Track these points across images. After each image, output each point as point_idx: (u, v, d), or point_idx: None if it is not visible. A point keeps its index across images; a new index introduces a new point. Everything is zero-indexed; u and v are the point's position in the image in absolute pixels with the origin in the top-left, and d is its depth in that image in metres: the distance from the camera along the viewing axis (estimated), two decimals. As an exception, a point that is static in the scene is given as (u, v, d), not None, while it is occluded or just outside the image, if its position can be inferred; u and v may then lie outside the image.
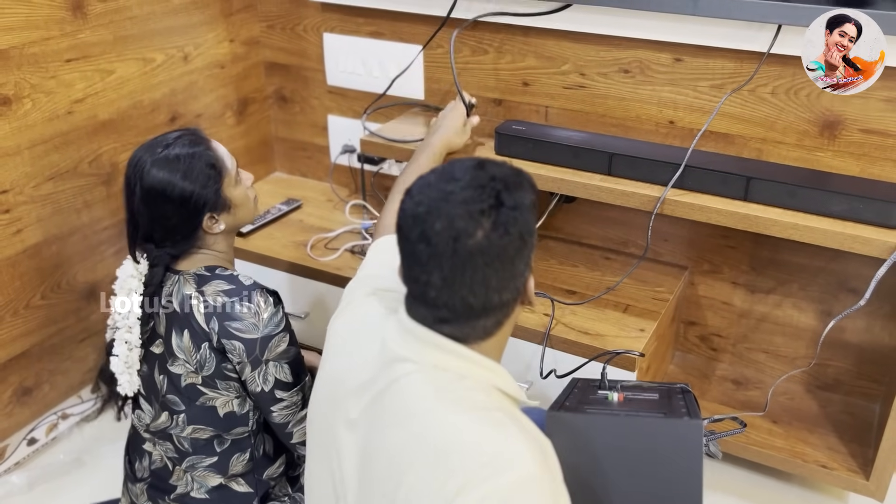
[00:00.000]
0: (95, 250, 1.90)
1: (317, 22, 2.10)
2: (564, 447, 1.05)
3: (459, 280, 0.95)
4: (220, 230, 1.40)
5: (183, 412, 1.40)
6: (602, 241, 1.96)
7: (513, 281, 0.99)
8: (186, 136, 1.39)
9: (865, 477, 1.61)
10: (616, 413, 1.13)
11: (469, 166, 1.00)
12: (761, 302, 1.84)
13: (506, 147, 1.73)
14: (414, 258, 0.97)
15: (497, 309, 1.00)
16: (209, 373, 1.36)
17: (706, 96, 1.70)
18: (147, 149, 1.37)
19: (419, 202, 0.97)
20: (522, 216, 0.98)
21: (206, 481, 1.44)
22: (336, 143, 2.23)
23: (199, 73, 2.05)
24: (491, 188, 0.97)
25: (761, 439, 1.71)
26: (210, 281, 1.37)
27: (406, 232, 0.98)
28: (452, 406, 0.96)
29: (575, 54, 1.80)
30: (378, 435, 0.99)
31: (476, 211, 0.95)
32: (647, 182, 1.59)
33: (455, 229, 0.94)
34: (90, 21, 1.74)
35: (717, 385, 1.88)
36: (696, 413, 1.10)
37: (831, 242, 1.43)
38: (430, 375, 0.99)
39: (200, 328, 1.34)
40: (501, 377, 1.03)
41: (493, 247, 0.95)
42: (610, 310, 1.71)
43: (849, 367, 1.80)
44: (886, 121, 1.56)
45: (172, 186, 1.33)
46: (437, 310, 0.98)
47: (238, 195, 1.43)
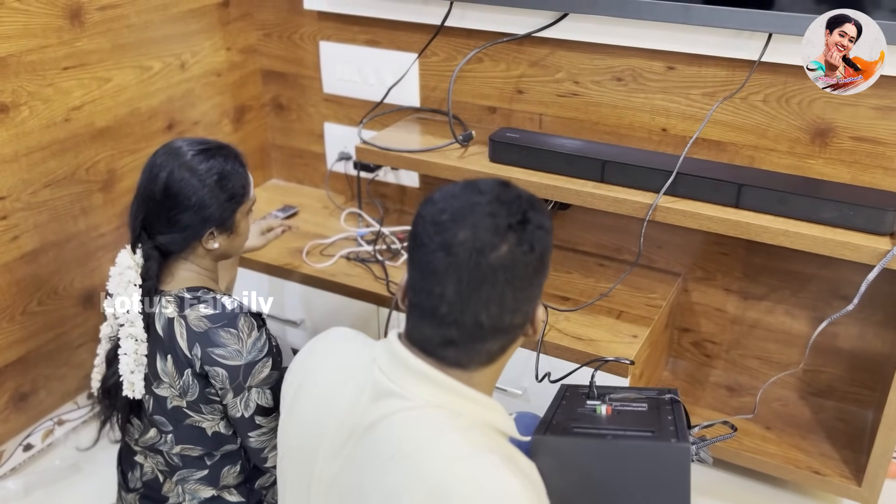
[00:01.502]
0: (92, 256, 1.91)
1: (313, 30, 2.12)
2: (550, 470, 1.05)
3: (476, 295, 0.93)
4: (213, 248, 1.39)
5: (171, 432, 1.40)
6: (596, 248, 1.97)
7: (527, 304, 0.98)
8: (231, 150, 1.40)
9: (858, 483, 1.61)
10: (602, 435, 1.11)
11: (495, 183, 0.99)
12: (754, 308, 1.85)
13: (499, 155, 1.74)
14: (429, 268, 0.94)
15: (505, 332, 0.98)
16: (193, 398, 1.35)
17: (698, 104, 1.71)
18: (190, 144, 1.37)
19: (443, 210, 0.95)
20: (545, 237, 0.97)
21: (198, 493, 1.43)
22: (332, 150, 2.24)
23: (196, 80, 2.07)
24: (518, 205, 0.96)
25: (754, 445, 1.72)
26: (192, 305, 1.35)
27: (423, 239, 0.95)
28: (449, 446, 0.93)
29: (569, 62, 1.81)
30: (369, 474, 0.96)
31: (503, 225, 0.93)
32: (640, 189, 1.61)
33: (480, 240, 0.92)
34: (88, 29, 1.76)
35: (711, 391, 1.89)
36: (683, 432, 1.09)
37: (821, 249, 1.44)
38: (424, 413, 0.96)
39: (183, 354, 1.33)
40: (495, 413, 1.01)
41: (515, 264, 0.93)
42: (603, 316, 1.71)
43: (842, 374, 1.81)
44: (877, 128, 1.57)
45: (196, 190, 1.33)
46: (446, 328, 0.95)
47: (244, 226, 1.44)
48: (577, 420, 1.17)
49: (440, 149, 1.81)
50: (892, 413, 1.51)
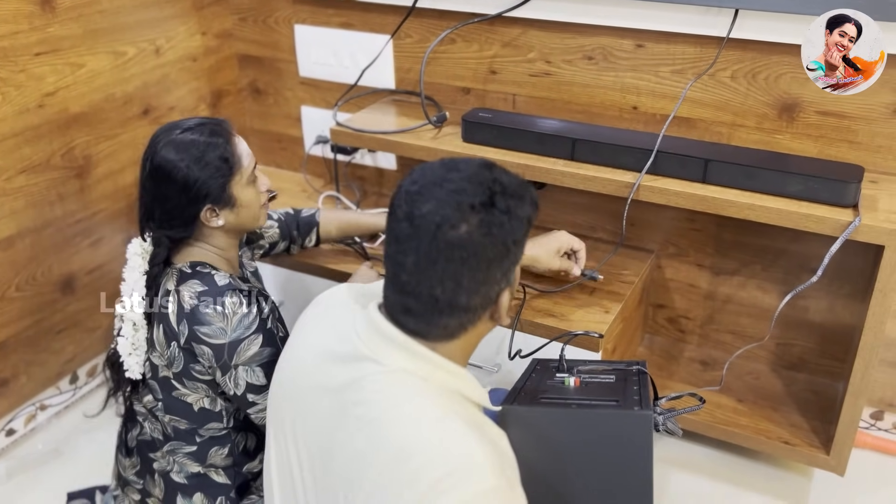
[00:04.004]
0: (70, 242, 1.92)
1: (288, 14, 2.12)
2: (518, 440, 1.07)
3: (430, 269, 0.95)
4: (218, 225, 1.38)
5: (161, 400, 1.42)
6: (572, 227, 1.98)
7: (485, 286, 0.99)
8: (209, 124, 1.38)
9: (826, 452, 1.64)
10: (568, 404, 1.14)
11: (476, 163, 1.00)
12: (726, 283, 1.87)
13: (472, 135, 1.75)
14: (395, 236, 0.98)
15: (462, 311, 0.99)
16: (178, 370, 1.37)
17: (668, 82, 1.73)
18: (167, 128, 1.38)
19: (415, 181, 0.98)
20: (512, 224, 0.97)
21: (186, 467, 1.45)
22: (310, 133, 2.25)
23: (172, 66, 2.07)
24: (488, 187, 0.96)
25: (726, 417, 1.74)
26: (188, 280, 1.36)
27: (395, 208, 0.99)
28: (415, 409, 0.95)
29: (540, 42, 1.82)
30: (339, 435, 0.99)
31: (466, 204, 0.95)
32: (610, 167, 1.62)
33: (440, 215, 0.94)
34: (59, 15, 1.76)
35: (685, 366, 1.91)
36: (646, 400, 1.11)
37: (786, 222, 1.46)
38: (394, 378, 0.99)
39: (170, 327, 1.35)
40: (465, 382, 1.03)
41: (472, 244, 0.95)
42: (576, 292, 1.73)
43: (813, 347, 1.84)
44: (842, 103, 1.59)
45: (178, 169, 1.33)
46: (405, 296, 0.99)
47: (246, 196, 1.40)
48: (546, 391, 1.20)
49: (414, 130, 1.83)
50: (857, 383, 1.53)
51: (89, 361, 2.05)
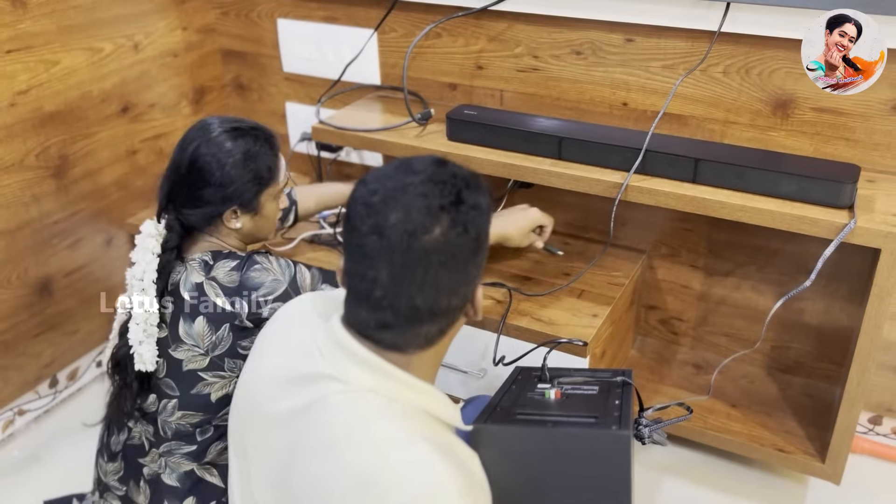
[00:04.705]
0: (47, 244, 1.87)
1: (270, 7, 2.07)
2: (491, 459, 1.03)
3: (409, 278, 0.91)
4: (235, 227, 1.42)
5: (176, 398, 1.39)
6: (561, 227, 1.94)
7: (464, 286, 0.96)
8: (263, 132, 1.43)
9: (822, 460, 1.59)
10: (543, 422, 1.08)
11: (429, 161, 0.96)
12: (720, 285, 1.82)
13: (457, 133, 1.70)
14: (362, 252, 0.92)
15: (443, 315, 0.96)
16: (221, 352, 1.37)
17: (659, 77, 1.67)
18: (222, 121, 1.40)
19: (374, 191, 0.93)
20: (480, 217, 0.95)
21: (179, 468, 1.43)
22: (295, 130, 2.20)
23: (152, 62, 2.02)
24: (452, 185, 0.93)
25: (719, 423, 1.69)
26: (216, 265, 1.38)
27: (356, 222, 0.93)
28: (379, 433, 0.91)
29: (527, 36, 1.77)
30: (300, 459, 0.95)
31: (435, 206, 0.91)
32: (598, 166, 1.57)
33: (411, 223, 0.90)
34: (31, 11, 1.71)
35: (678, 369, 1.86)
36: (626, 418, 1.05)
37: (779, 224, 1.40)
38: (358, 398, 0.94)
39: (223, 310, 1.35)
40: (434, 400, 0.98)
41: (449, 245, 0.91)
42: (564, 296, 1.68)
43: (809, 350, 1.79)
44: (838, 99, 1.53)
45: (222, 166, 1.36)
46: (381, 312, 0.94)
47: (270, 208, 1.45)
48: (524, 406, 1.14)
49: (398, 128, 1.77)
50: (853, 390, 1.48)
51: (69, 365, 2.01)
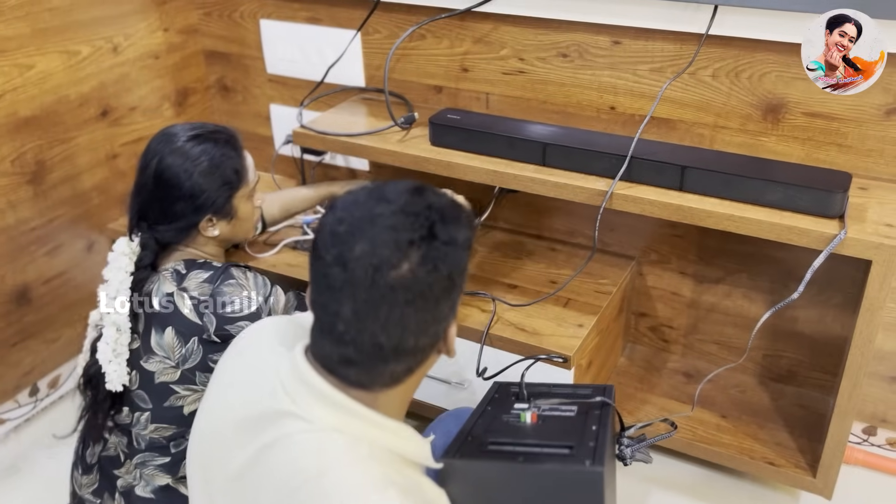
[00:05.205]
0: (24, 251, 1.83)
1: (253, 8, 2.03)
2: (462, 495, 0.99)
3: (373, 315, 0.85)
4: (213, 235, 1.39)
5: (148, 410, 1.37)
6: (548, 232, 1.90)
7: (434, 325, 0.90)
8: (223, 134, 1.39)
9: (813, 474, 1.55)
10: (514, 455, 1.03)
11: (404, 189, 0.89)
12: (710, 292, 1.77)
13: (440, 138, 1.66)
14: (325, 282, 0.87)
15: (410, 354, 0.90)
16: (192, 365, 1.34)
17: (647, 80, 1.62)
18: (182, 129, 1.37)
19: (341, 219, 0.87)
20: (455, 253, 0.88)
21: (154, 480, 1.40)
22: (280, 132, 2.16)
23: (132, 64, 1.98)
24: (425, 217, 0.87)
25: (708, 435, 1.65)
26: (188, 275, 1.35)
27: (321, 251, 0.87)
28: (342, 479, 0.85)
29: (513, 38, 1.72)
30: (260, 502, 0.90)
31: (404, 240, 0.85)
32: (583, 173, 1.53)
33: (377, 257, 0.84)
34: (3, 14, 1.66)
35: (668, 378, 1.82)
36: (601, 450, 1.00)
37: (767, 234, 1.36)
38: (320, 438, 0.88)
39: (191, 323, 1.32)
40: (402, 439, 0.93)
41: (417, 283, 0.85)
42: (550, 304, 1.64)
43: (802, 359, 1.74)
44: (830, 103, 1.49)
45: (189, 176, 1.33)
46: (344, 347, 0.88)
47: (245, 209, 1.43)
48: (497, 432, 1.10)
49: (380, 132, 1.73)
50: (844, 404, 1.44)
51: (50, 373, 1.98)
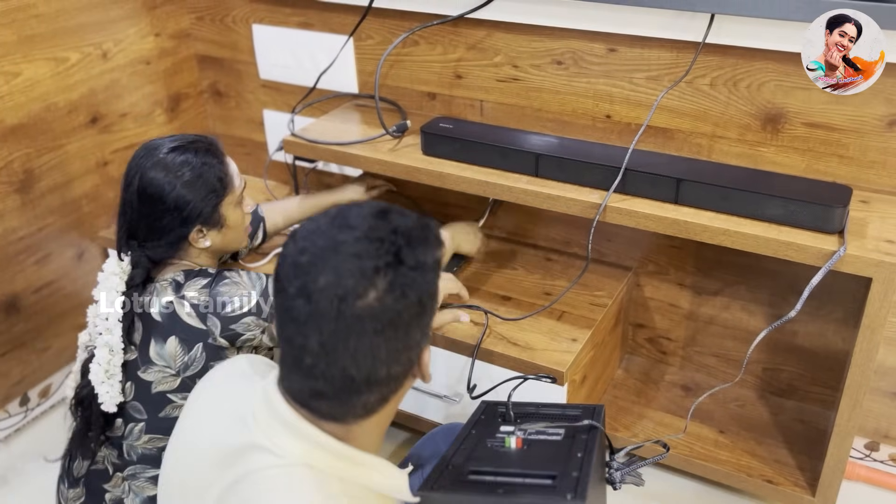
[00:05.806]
0: (13, 261, 1.81)
1: (245, 13, 1.99)
2: None
3: (342, 347, 0.82)
4: (204, 246, 1.38)
5: (143, 421, 1.35)
6: (545, 241, 1.86)
7: (406, 352, 0.86)
8: (203, 143, 1.36)
9: (812, 493, 1.51)
10: (494, 487, 1.00)
11: (368, 213, 0.86)
12: (708, 304, 1.73)
13: (432, 147, 1.62)
14: (289, 315, 0.83)
15: (383, 383, 0.87)
16: (193, 373, 1.32)
17: (643, 89, 1.59)
18: (161, 142, 1.35)
19: (303, 249, 0.83)
20: (424, 277, 0.85)
21: (144, 492, 1.38)
22: (273, 138, 2.13)
23: (122, 70, 1.95)
24: (390, 242, 0.83)
25: (705, 451, 1.62)
26: (187, 284, 1.33)
27: (284, 283, 0.84)
28: None
29: (507, 45, 1.68)
30: None
31: (370, 268, 0.81)
32: (576, 184, 1.49)
33: (342, 287, 0.80)
34: (-11, 21, 1.64)
35: (666, 391, 1.78)
36: (584, 482, 0.97)
37: (764, 249, 1.32)
38: (291, 473, 0.85)
39: (194, 329, 1.31)
40: (377, 473, 0.90)
41: (386, 311, 0.82)
42: (544, 318, 1.61)
43: (802, 373, 1.70)
44: (830, 113, 1.45)
45: (171, 190, 1.31)
46: (314, 380, 0.85)
47: (234, 217, 1.41)
48: (479, 460, 1.06)
49: (372, 141, 1.70)
50: (843, 423, 1.40)
51: (40, 383, 1.96)
